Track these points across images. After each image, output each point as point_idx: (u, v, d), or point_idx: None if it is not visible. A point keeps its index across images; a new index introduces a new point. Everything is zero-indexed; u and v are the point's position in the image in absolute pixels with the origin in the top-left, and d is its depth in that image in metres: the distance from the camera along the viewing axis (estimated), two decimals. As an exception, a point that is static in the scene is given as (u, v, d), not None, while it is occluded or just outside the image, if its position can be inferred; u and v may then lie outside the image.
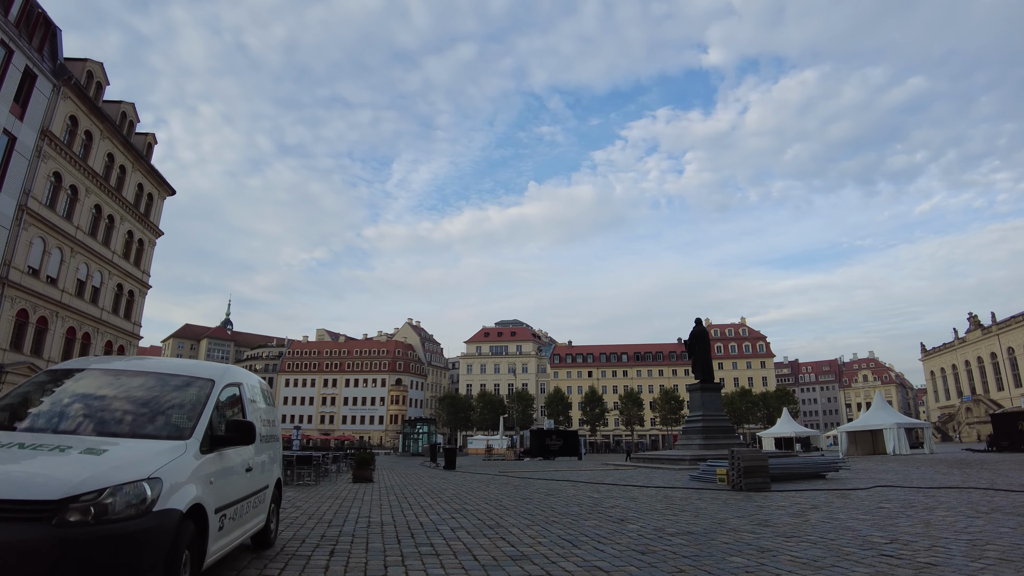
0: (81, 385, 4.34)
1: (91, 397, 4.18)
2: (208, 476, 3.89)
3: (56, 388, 4.33)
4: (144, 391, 4.30)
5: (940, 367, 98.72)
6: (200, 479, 3.74)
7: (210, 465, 3.99)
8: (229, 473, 4.35)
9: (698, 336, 29.64)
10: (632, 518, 8.97)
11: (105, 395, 4.21)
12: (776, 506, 10.81)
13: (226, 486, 4.24)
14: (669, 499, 12.06)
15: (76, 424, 3.89)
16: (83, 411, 4.03)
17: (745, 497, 12.61)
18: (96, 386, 4.32)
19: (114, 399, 4.18)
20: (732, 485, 14.88)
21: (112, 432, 3.82)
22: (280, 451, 6.76)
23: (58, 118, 28.43)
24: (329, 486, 16.06)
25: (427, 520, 8.69)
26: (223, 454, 4.27)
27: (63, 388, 4.33)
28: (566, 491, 14.03)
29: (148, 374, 4.53)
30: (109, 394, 4.23)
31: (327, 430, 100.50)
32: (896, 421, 40.79)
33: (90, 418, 3.96)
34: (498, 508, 10.35)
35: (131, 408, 4.10)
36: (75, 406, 4.09)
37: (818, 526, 8.18)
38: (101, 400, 4.15)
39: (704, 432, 27.59)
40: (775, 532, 7.68)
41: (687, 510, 10.13)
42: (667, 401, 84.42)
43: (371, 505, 11.02)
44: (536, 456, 45.32)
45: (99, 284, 32.90)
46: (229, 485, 4.33)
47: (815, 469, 18.00)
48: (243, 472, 4.72)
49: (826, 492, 13.42)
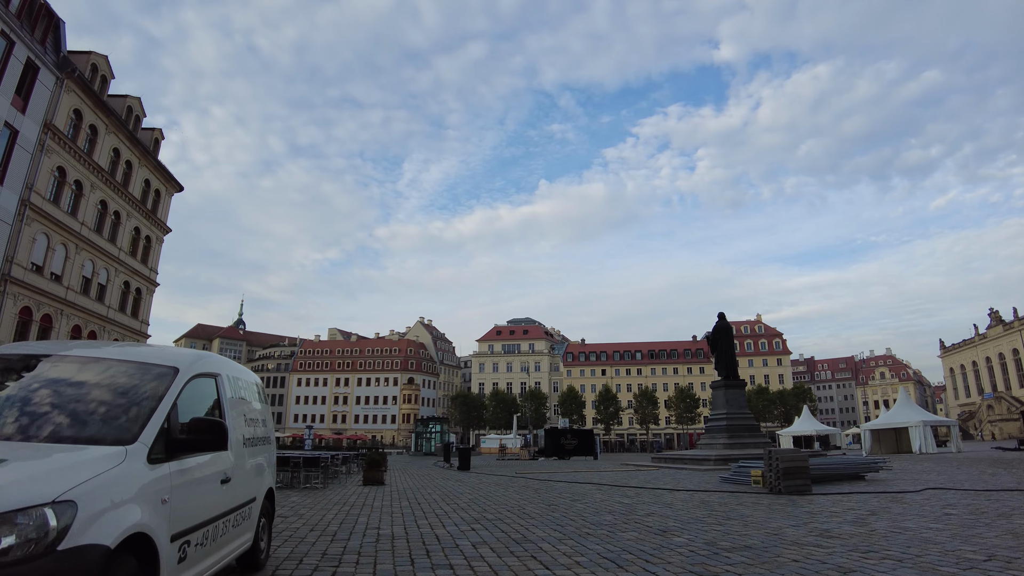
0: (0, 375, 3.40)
1: (9, 389, 3.23)
2: (160, 492, 2.95)
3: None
4: (82, 382, 3.35)
5: (960, 364, 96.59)
6: (147, 497, 2.80)
7: (165, 478, 3.04)
8: (195, 487, 3.41)
9: (721, 331, 28.46)
10: (675, 529, 7.94)
11: (29, 387, 3.27)
12: (827, 512, 9.76)
13: (190, 504, 3.29)
14: (707, 504, 11.01)
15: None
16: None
17: (788, 501, 11.55)
18: (20, 376, 3.38)
19: (38, 392, 3.23)
20: (770, 488, 13.81)
21: (26, 435, 2.88)
22: (273, 456, 5.80)
23: (61, 111, 27.79)
24: (338, 489, 15.15)
25: (444, 533, 7.68)
26: (185, 463, 3.32)
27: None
28: (592, 495, 13.00)
29: (94, 361, 3.57)
30: (34, 386, 3.29)
31: (339, 429, 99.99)
32: (922, 419, 39.38)
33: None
34: (522, 517, 9.33)
35: (59, 404, 3.15)
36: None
37: (890, 538, 7.13)
38: (22, 393, 3.21)
39: (728, 431, 26.44)
40: (845, 545, 6.65)
41: (732, 518, 9.09)
42: (682, 399, 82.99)
43: (381, 513, 10.04)
44: (551, 456, 44.25)
45: (105, 281, 32.29)
46: (195, 502, 3.38)
47: (854, 470, 16.87)
48: (216, 484, 3.77)
49: (874, 495, 12.33)
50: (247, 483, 4.50)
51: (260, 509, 4.95)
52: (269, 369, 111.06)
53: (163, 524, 2.89)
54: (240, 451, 4.37)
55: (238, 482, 4.19)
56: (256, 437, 4.99)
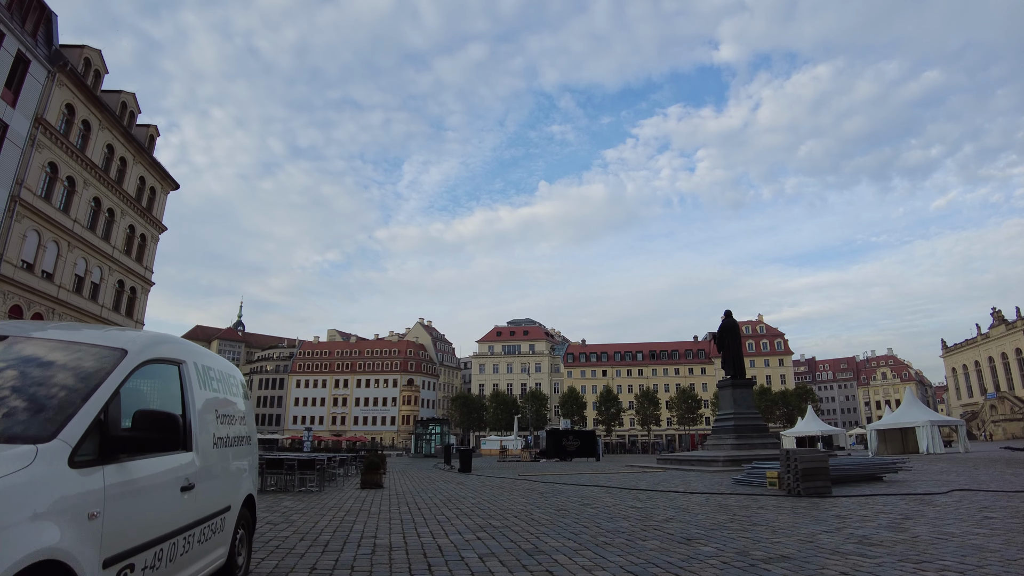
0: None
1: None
2: (87, 505, 2.31)
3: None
4: (1, 367, 2.69)
5: (962, 364, 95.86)
6: (66, 511, 2.16)
7: (96, 487, 2.39)
8: (142, 496, 2.76)
9: (728, 329, 27.78)
10: (699, 537, 7.27)
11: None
12: (857, 516, 9.10)
13: (135, 518, 2.65)
14: (726, 508, 10.34)
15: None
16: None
17: (811, 504, 10.90)
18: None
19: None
20: (787, 490, 13.16)
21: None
22: (255, 458, 5.13)
23: (53, 106, 27.16)
24: (334, 493, 14.46)
25: (447, 542, 6.99)
26: (129, 467, 2.67)
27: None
28: (602, 499, 12.31)
29: (24, 341, 2.92)
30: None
31: (339, 431, 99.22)
32: (929, 419, 38.74)
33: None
34: (531, 524, 8.64)
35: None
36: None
37: (938, 545, 6.48)
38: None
39: (736, 431, 25.76)
40: (891, 554, 6.00)
41: (757, 523, 8.43)
42: (684, 400, 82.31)
43: (379, 519, 9.35)
44: (552, 457, 43.56)
45: (99, 280, 31.63)
46: (142, 516, 2.73)
47: (871, 470, 16.22)
48: (174, 493, 3.11)
49: (899, 498, 11.67)
50: (219, 490, 3.84)
51: (237, 519, 4.28)
52: (268, 370, 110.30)
53: (90, 546, 2.24)
54: (210, 453, 3.70)
55: (206, 489, 3.53)
56: (233, 437, 4.32)
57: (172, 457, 3.10)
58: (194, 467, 3.36)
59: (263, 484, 15.38)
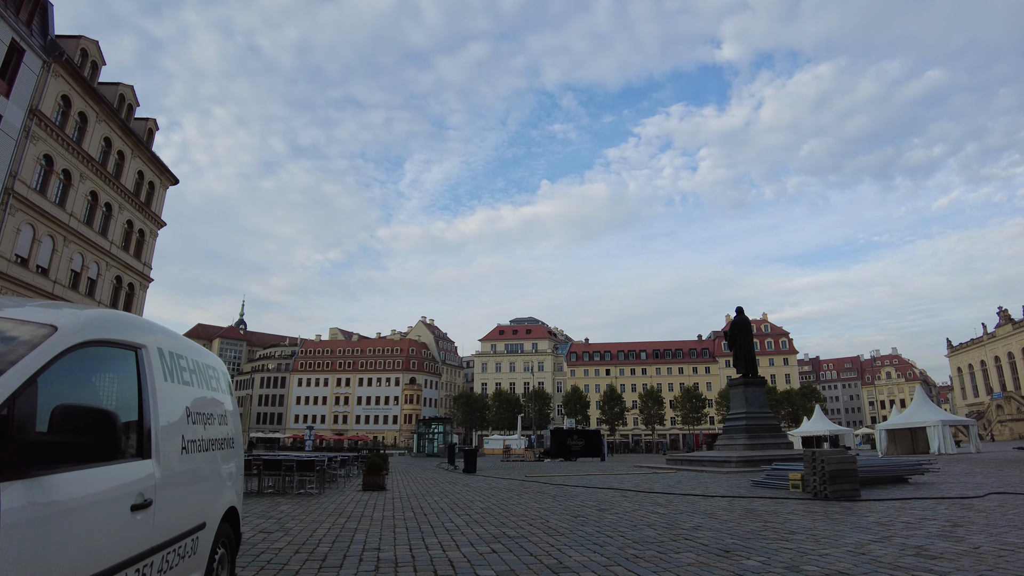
0: None
1: None
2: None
3: None
4: None
5: (968, 363, 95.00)
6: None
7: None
8: (66, 522, 2.05)
9: (740, 326, 27.05)
10: (737, 548, 6.57)
11: None
12: (899, 523, 8.40)
13: (54, 550, 1.95)
14: (755, 514, 9.63)
15: None
16: None
17: (843, 509, 10.19)
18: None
19: None
20: (814, 493, 12.46)
21: None
22: (240, 463, 4.42)
23: (48, 97, 26.51)
24: (335, 495, 13.77)
25: (459, 556, 6.26)
26: (46, 484, 1.97)
27: None
28: (619, 503, 11.59)
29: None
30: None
31: (340, 430, 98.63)
32: (941, 418, 37.99)
33: None
34: (549, 532, 7.92)
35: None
36: None
37: (1007, 557, 5.80)
38: None
39: (748, 431, 25.05)
40: (959, 569, 5.30)
41: (795, 531, 7.73)
42: (688, 400, 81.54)
43: (382, 527, 8.63)
44: (557, 457, 42.86)
45: (96, 276, 30.99)
46: (67, 546, 2.02)
47: (898, 472, 15.52)
48: (122, 512, 2.41)
49: (936, 502, 10.97)
50: (189, 505, 3.14)
51: (216, 537, 3.59)
52: (269, 369, 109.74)
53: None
54: (177, 460, 3.00)
55: (170, 505, 2.83)
56: (211, 440, 3.62)
57: (118, 468, 2.39)
58: (152, 479, 2.65)
59: (259, 486, 14.69)
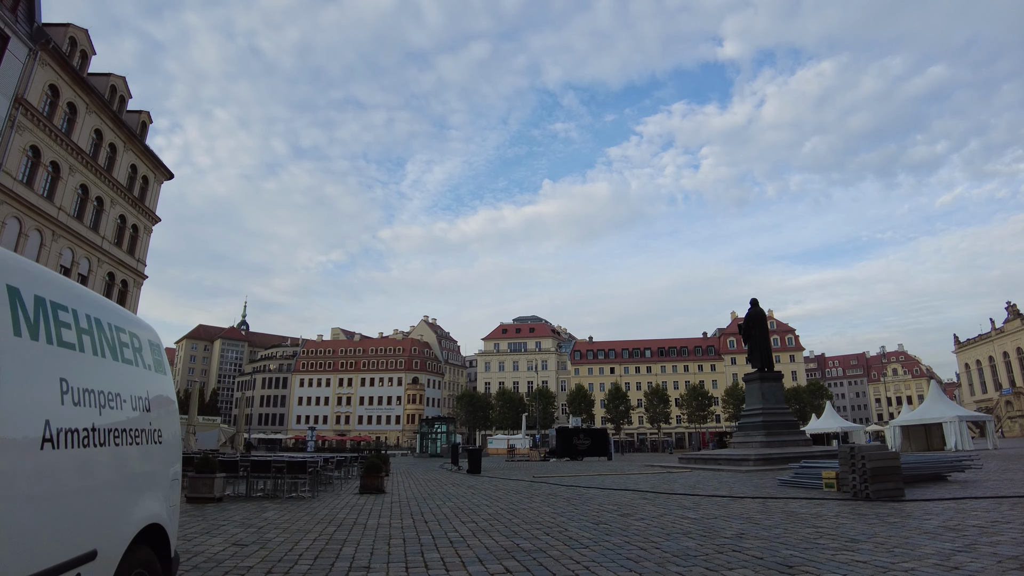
0: None
1: None
2: None
3: None
4: None
5: (975, 359, 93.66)
6: None
7: None
8: None
9: (755, 319, 25.96)
10: (799, 561, 5.51)
11: None
12: (970, 527, 7.34)
13: None
14: (798, 517, 8.55)
15: None
16: None
17: (893, 510, 9.13)
18: None
19: None
20: (853, 493, 11.37)
21: None
22: (174, 467, 3.35)
23: (35, 86, 25.53)
24: (329, 499, 12.71)
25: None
26: None
27: None
28: (643, 507, 10.49)
29: None
30: None
31: (342, 431, 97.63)
32: (957, 414, 36.83)
33: None
34: (569, 544, 6.84)
35: None
36: None
37: None
38: None
39: (765, 428, 23.97)
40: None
41: (856, 538, 6.66)
42: (694, 398, 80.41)
43: (375, 538, 7.54)
44: (563, 456, 41.78)
45: (87, 272, 29.98)
46: None
47: (937, 469, 14.44)
48: None
49: (991, 502, 9.91)
50: (54, 525, 2.09)
51: (118, 570, 2.50)
52: (271, 369, 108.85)
53: None
54: (29, 456, 1.95)
55: (9, 528, 1.77)
56: (112, 429, 2.57)
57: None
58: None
59: (248, 489, 13.64)
